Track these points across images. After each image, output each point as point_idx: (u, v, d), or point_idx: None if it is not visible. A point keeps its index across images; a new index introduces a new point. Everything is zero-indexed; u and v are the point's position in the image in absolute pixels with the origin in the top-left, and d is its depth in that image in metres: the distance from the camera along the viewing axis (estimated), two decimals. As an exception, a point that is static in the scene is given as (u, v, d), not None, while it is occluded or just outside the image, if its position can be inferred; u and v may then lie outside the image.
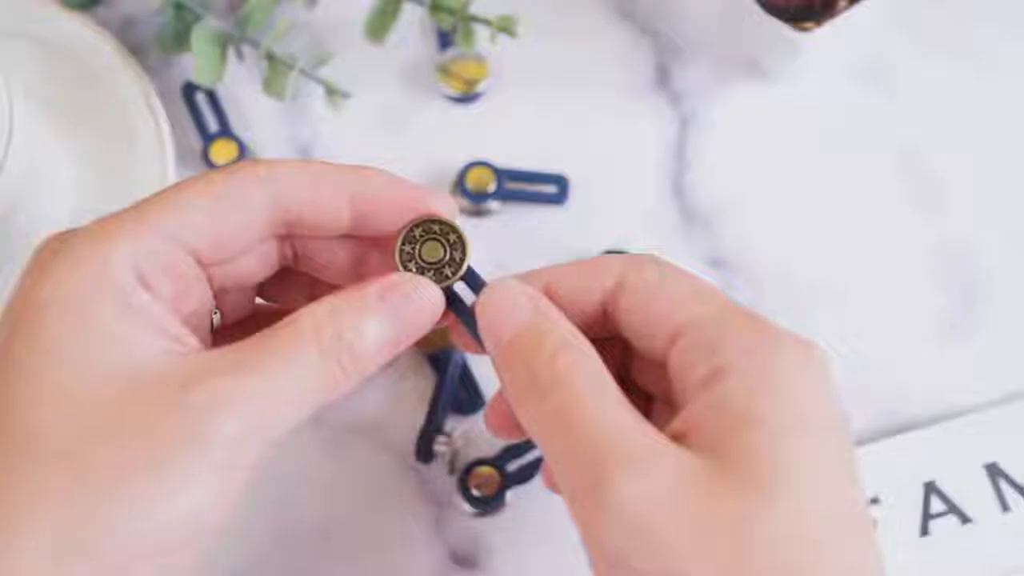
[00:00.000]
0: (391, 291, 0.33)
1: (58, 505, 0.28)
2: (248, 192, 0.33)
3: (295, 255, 0.36)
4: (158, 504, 0.28)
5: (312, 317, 0.31)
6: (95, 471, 0.28)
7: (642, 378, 0.36)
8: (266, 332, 0.31)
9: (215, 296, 0.35)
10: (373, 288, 0.33)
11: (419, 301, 0.33)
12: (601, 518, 0.28)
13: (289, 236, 0.35)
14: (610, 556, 0.29)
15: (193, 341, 0.32)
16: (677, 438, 0.30)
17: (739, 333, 0.31)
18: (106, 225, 0.31)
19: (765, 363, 0.30)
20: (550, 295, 0.34)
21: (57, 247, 0.31)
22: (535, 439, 0.32)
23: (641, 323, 0.33)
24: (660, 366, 0.33)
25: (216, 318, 0.36)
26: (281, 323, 0.31)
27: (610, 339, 0.35)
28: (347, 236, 0.35)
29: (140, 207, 0.32)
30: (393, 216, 0.34)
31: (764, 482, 0.28)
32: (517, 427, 0.34)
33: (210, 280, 0.34)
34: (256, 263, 0.35)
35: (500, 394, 0.36)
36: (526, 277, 0.35)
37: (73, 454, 0.28)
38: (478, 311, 0.34)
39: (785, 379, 0.30)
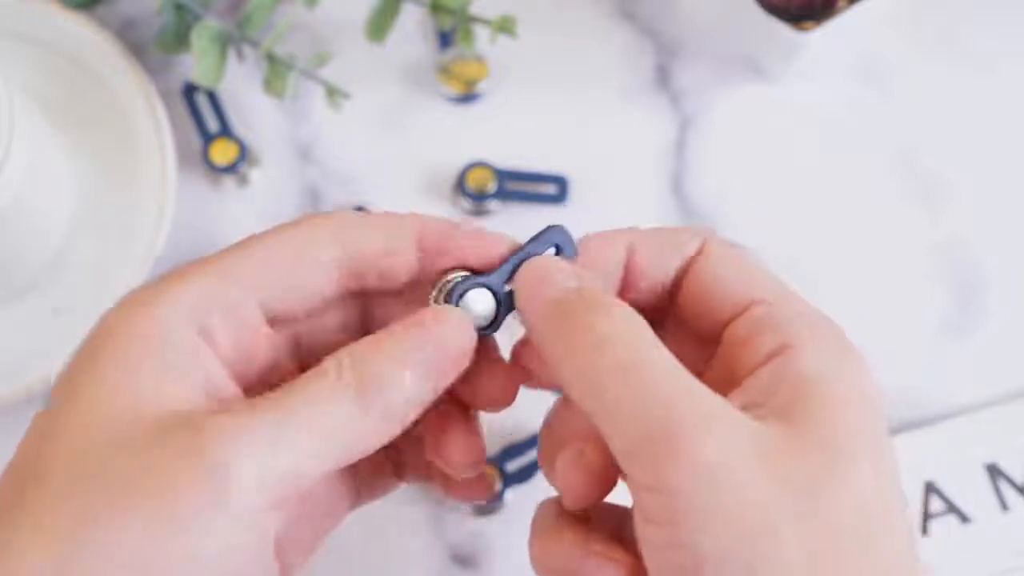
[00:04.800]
0: (412, 321, 0.32)
1: (64, 543, 0.27)
2: (314, 235, 0.33)
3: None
4: (163, 542, 0.27)
5: (336, 362, 0.30)
6: (99, 508, 0.28)
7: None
8: (298, 378, 0.30)
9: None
10: (395, 324, 0.32)
11: (443, 325, 0.32)
12: (678, 471, 0.28)
13: (362, 294, 0.34)
14: (680, 512, 0.28)
15: (229, 397, 0.31)
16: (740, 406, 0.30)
17: (802, 310, 0.32)
18: (176, 273, 0.32)
19: (827, 340, 0.31)
20: (631, 258, 0.34)
21: (133, 295, 0.31)
22: (579, 396, 0.31)
23: (710, 291, 0.33)
24: (703, 345, 0.33)
25: None
26: (313, 369, 0.31)
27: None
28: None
29: (209, 258, 0.32)
30: (456, 257, 0.34)
31: (839, 450, 0.29)
32: (541, 372, 0.34)
33: (296, 340, 0.34)
34: (336, 324, 0.34)
35: (526, 340, 0.35)
36: (606, 237, 0.34)
37: (81, 489, 0.28)
38: (517, 281, 0.33)
39: (847, 358, 0.31)
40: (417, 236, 0.33)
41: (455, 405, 0.35)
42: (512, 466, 0.46)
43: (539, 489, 0.46)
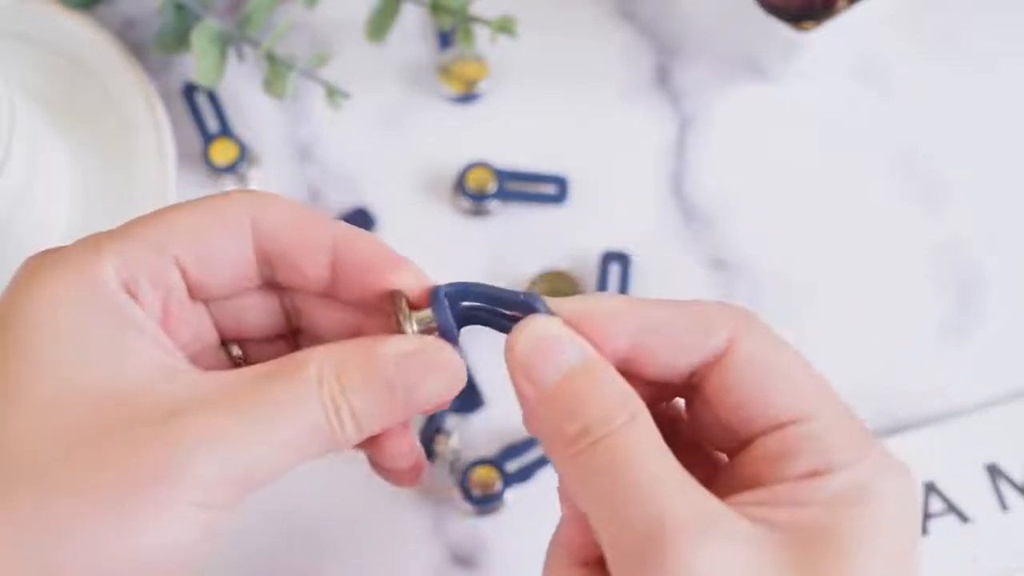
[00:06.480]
0: (405, 358, 0.31)
1: (25, 529, 0.27)
2: (230, 208, 0.32)
3: (299, 324, 0.35)
4: (127, 535, 0.27)
5: (317, 367, 0.30)
6: (65, 496, 0.27)
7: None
8: (270, 370, 0.30)
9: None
10: (387, 350, 0.31)
11: (438, 369, 0.31)
12: None
13: (282, 288, 0.34)
14: None
15: (184, 364, 0.31)
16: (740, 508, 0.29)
17: (848, 442, 0.30)
18: (92, 239, 0.31)
19: (867, 482, 0.29)
20: (639, 345, 0.31)
21: (44, 261, 0.31)
22: (572, 489, 0.29)
23: (742, 402, 0.30)
24: (721, 437, 0.31)
25: (236, 350, 0.35)
26: (285, 362, 0.30)
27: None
28: (341, 303, 0.33)
29: (125, 224, 0.32)
30: (371, 278, 0.32)
31: None
32: None
33: (215, 322, 0.34)
34: (257, 310, 0.34)
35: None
36: (612, 315, 0.31)
37: (45, 477, 0.28)
38: (510, 345, 0.31)
39: (888, 478, 0.29)
40: (332, 242, 0.32)
41: None
42: (512, 466, 0.46)
43: (539, 489, 0.46)
